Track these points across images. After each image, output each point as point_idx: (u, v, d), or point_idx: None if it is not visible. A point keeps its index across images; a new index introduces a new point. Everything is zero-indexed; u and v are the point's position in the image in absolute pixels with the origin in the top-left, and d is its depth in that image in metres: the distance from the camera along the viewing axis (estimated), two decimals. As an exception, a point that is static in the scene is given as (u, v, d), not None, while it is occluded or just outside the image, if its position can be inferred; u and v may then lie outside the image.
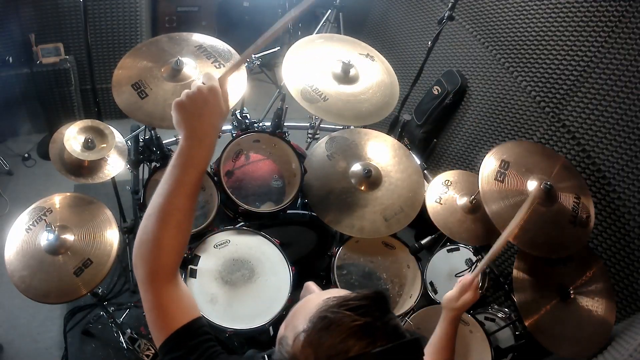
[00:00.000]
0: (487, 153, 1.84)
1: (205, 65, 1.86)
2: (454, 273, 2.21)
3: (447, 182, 2.10)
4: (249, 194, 2.13)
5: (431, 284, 2.26)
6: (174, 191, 0.80)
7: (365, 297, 0.67)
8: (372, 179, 2.00)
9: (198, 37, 1.95)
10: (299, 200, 2.15)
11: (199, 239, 1.88)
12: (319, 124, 2.68)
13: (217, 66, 1.86)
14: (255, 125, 2.32)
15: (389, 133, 2.51)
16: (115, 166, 1.91)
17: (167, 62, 1.81)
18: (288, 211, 2.07)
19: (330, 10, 3.43)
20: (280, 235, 1.97)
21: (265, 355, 0.74)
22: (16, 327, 2.28)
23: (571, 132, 2.24)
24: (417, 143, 3.11)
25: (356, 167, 2.03)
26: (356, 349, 0.63)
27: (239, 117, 2.35)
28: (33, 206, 1.69)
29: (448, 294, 1.33)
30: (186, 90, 0.82)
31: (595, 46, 2.10)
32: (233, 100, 1.02)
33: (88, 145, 1.83)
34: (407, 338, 0.66)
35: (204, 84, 0.82)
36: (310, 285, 0.86)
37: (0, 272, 1.65)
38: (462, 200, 2.03)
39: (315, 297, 0.72)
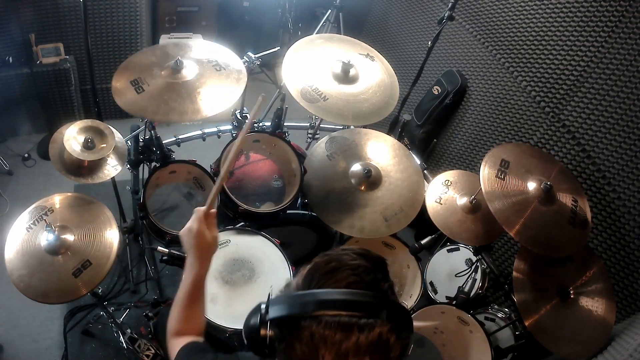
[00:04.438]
0: (487, 153, 1.84)
1: (206, 68, 1.86)
2: (454, 273, 2.22)
3: (447, 182, 2.10)
4: (249, 194, 2.13)
5: (431, 284, 2.26)
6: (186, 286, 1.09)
7: (367, 250, 0.78)
8: (372, 179, 2.00)
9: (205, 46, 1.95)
10: (299, 200, 2.15)
11: (199, 239, 1.88)
12: (319, 124, 2.68)
13: (218, 69, 1.87)
14: (255, 125, 2.32)
15: (389, 133, 2.51)
16: (115, 166, 1.91)
17: (168, 65, 1.82)
18: (288, 211, 2.07)
19: (330, 10, 3.43)
20: (280, 235, 1.97)
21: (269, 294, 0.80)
22: (16, 327, 2.28)
23: (571, 132, 2.24)
24: (417, 143, 3.11)
25: (356, 167, 2.03)
26: (349, 279, 0.72)
27: (239, 117, 2.35)
28: (33, 206, 1.69)
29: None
30: (184, 229, 1.09)
31: (595, 46, 2.10)
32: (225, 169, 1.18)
33: (88, 145, 1.83)
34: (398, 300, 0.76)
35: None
36: None
37: (0, 272, 1.64)
38: (462, 200, 2.03)
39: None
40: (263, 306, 0.75)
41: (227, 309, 1.71)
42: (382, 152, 2.12)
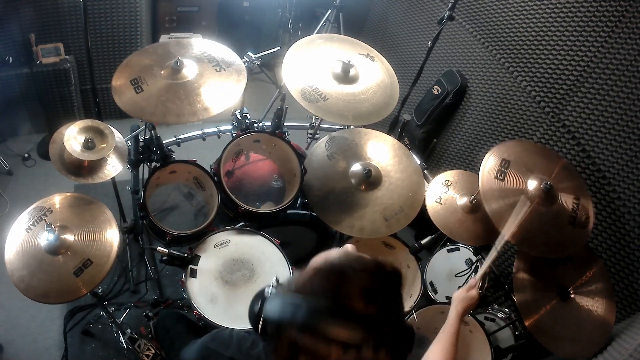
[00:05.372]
0: (487, 153, 1.84)
1: (206, 68, 1.87)
2: (454, 273, 2.21)
3: (447, 182, 2.10)
4: (249, 194, 2.13)
5: (431, 284, 2.25)
6: None
7: (379, 264, 0.82)
8: (372, 179, 2.00)
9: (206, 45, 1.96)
10: (299, 200, 2.15)
11: (199, 238, 1.88)
12: (319, 124, 2.68)
13: (218, 69, 1.88)
14: (255, 125, 2.32)
15: (389, 133, 2.51)
16: (115, 166, 1.91)
17: (169, 64, 1.83)
18: (288, 211, 2.07)
19: (330, 10, 3.43)
20: (280, 235, 1.97)
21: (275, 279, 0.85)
22: (16, 327, 2.28)
23: (571, 132, 2.24)
24: (417, 143, 3.11)
25: (356, 167, 2.03)
26: (352, 300, 0.73)
27: (239, 117, 2.35)
28: (33, 206, 1.69)
29: (458, 292, 1.43)
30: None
31: (595, 46, 2.10)
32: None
33: (88, 145, 1.83)
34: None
35: None
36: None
37: (0, 272, 1.64)
38: (462, 200, 2.03)
39: None
40: (267, 290, 0.82)
41: (227, 309, 1.71)
42: (382, 152, 2.13)
